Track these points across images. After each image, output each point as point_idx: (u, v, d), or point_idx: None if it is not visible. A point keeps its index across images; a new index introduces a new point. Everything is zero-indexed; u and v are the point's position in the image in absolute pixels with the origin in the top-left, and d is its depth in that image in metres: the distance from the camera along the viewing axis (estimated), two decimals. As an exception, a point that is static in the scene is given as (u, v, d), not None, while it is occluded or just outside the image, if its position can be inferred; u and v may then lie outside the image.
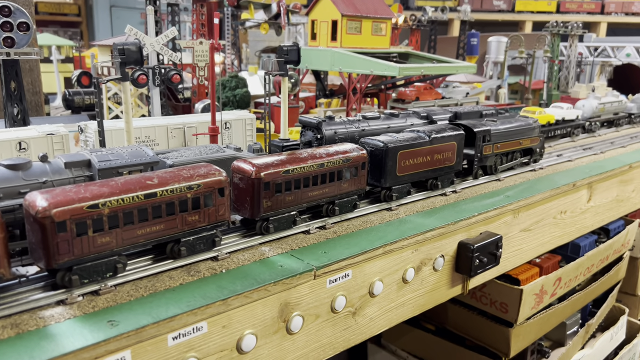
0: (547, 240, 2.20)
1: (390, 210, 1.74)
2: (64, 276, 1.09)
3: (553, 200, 2.14)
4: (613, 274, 2.75)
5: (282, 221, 1.43)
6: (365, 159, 1.61)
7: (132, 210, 1.14)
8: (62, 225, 1.04)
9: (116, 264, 1.15)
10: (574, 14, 5.45)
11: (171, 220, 1.21)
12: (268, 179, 1.35)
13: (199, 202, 1.23)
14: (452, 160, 1.93)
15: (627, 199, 2.74)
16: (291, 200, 1.42)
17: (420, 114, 2.13)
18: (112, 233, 1.12)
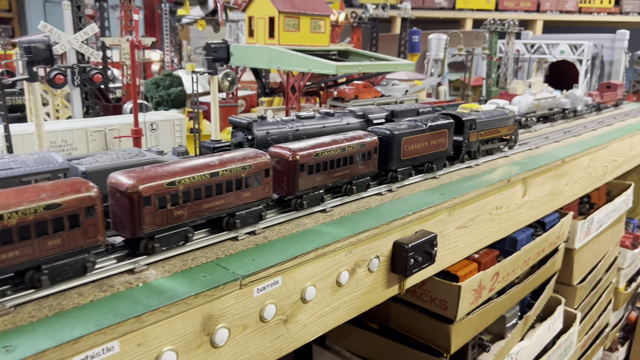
0: (483, 236, 2.22)
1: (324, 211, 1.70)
2: (147, 244, 1.24)
3: (488, 196, 2.16)
4: (549, 266, 2.83)
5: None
6: (377, 144, 1.81)
7: (200, 187, 1.29)
8: (148, 199, 1.19)
9: (187, 234, 1.29)
10: (512, 12, 5.60)
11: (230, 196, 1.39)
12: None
13: (248, 180, 1.42)
14: (444, 145, 2.19)
15: (561, 192, 2.82)
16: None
17: (356, 113, 2.10)
18: (185, 207, 1.27)
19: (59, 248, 1.09)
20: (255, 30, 2.93)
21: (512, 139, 2.63)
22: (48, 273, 1.08)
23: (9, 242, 1.02)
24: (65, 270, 1.11)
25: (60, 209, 1.07)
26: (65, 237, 1.10)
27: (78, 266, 1.13)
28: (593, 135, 3.38)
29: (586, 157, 3.00)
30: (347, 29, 3.97)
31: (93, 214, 1.12)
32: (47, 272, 1.08)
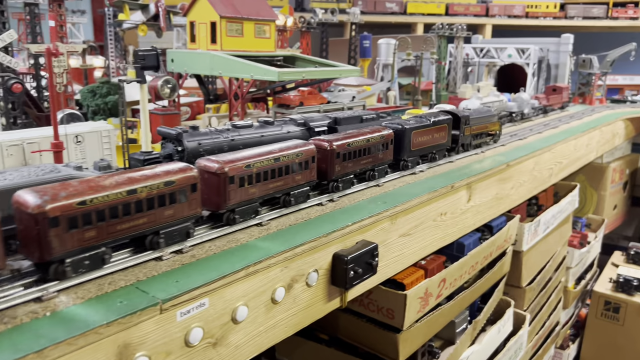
0: (428, 243, 2.20)
1: (260, 225, 1.63)
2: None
3: (432, 203, 2.15)
4: (497, 269, 2.84)
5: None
6: (391, 137, 2.12)
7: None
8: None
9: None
10: (461, 16, 5.68)
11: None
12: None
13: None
14: (445, 138, 2.54)
15: (507, 196, 2.84)
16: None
17: (297, 121, 2.05)
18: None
19: (171, 217, 1.32)
20: (197, 35, 2.85)
21: (497, 134, 2.99)
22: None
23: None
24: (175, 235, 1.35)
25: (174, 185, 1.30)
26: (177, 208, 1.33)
27: (184, 232, 1.38)
28: (539, 138, 3.44)
29: (531, 161, 3.05)
30: (298, 34, 3.92)
31: (196, 190, 1.36)
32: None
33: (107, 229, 1.22)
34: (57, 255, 1.14)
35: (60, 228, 1.13)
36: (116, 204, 1.22)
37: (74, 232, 1.15)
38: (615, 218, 5.58)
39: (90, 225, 1.18)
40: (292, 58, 3.04)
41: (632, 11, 5.87)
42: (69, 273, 1.17)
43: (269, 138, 1.88)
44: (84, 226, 1.17)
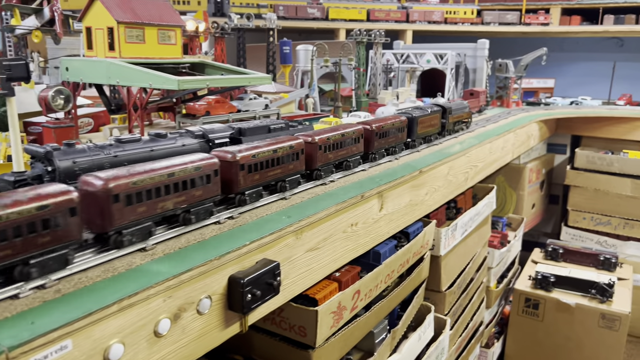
0: (339, 255, 2.14)
1: (144, 250, 1.50)
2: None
3: (341, 214, 2.08)
4: (415, 276, 2.83)
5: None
6: (406, 122, 2.84)
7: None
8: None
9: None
10: (383, 22, 5.74)
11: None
12: None
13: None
14: (437, 125, 3.29)
15: (422, 202, 2.84)
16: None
17: (195, 133, 1.92)
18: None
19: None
20: (94, 42, 2.65)
21: (469, 122, 3.85)
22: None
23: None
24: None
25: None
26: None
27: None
28: (454, 142, 3.48)
29: (446, 166, 3.07)
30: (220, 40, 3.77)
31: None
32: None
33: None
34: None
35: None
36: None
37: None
38: (535, 216, 5.80)
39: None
40: (201, 65, 2.91)
41: (543, 17, 6.15)
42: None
43: (160, 153, 1.74)
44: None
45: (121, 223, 1.40)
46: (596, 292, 4.32)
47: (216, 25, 3.51)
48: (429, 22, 5.85)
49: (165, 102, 2.77)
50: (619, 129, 5.57)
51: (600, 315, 4.23)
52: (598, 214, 5.39)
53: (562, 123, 5.89)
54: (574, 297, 4.39)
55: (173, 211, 1.55)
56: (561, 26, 6.24)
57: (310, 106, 3.64)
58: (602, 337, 4.23)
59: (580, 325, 4.30)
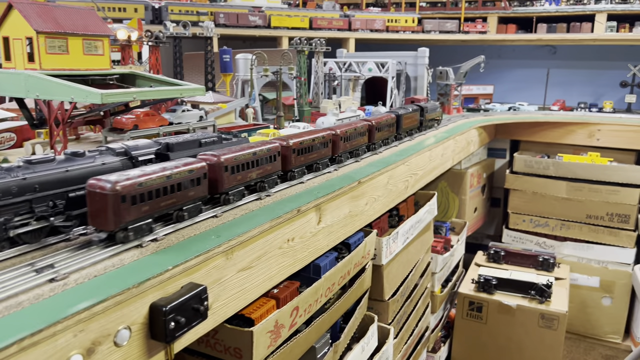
0: (275, 272, 2.08)
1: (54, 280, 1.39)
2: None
3: (276, 230, 2.03)
4: (357, 287, 2.81)
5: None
6: (395, 119, 3.49)
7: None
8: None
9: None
10: (325, 30, 5.74)
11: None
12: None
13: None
14: (417, 121, 3.97)
15: (362, 212, 2.83)
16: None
17: (116, 150, 1.82)
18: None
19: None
20: (12, 53, 2.49)
21: (440, 120, 4.57)
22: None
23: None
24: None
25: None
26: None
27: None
28: (394, 151, 3.50)
29: (385, 175, 3.07)
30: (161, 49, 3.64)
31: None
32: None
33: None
34: None
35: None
36: None
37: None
38: (477, 220, 5.94)
39: None
40: (131, 76, 2.79)
41: (480, 26, 6.33)
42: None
43: (76, 174, 1.63)
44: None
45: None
46: (535, 293, 4.46)
47: (150, 34, 3.39)
48: (371, 30, 5.90)
49: (92, 116, 2.64)
50: (554, 134, 5.79)
51: (540, 316, 4.36)
52: (536, 216, 5.58)
53: (501, 128, 6.07)
54: (515, 299, 4.51)
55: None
56: (498, 34, 6.44)
57: (250, 116, 3.58)
58: (542, 337, 4.36)
59: (521, 326, 4.42)
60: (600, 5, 6.08)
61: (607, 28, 6.02)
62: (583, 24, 6.19)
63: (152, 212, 1.65)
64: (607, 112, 5.89)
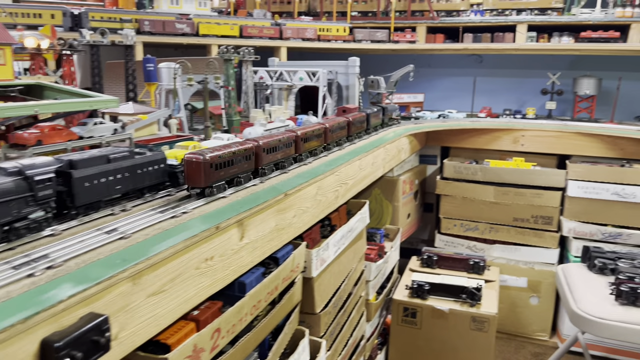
0: (192, 294, 1.97)
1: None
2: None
3: (191, 250, 1.93)
4: (286, 302, 2.75)
5: None
6: (365, 117, 4.23)
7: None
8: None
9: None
10: (257, 38, 5.67)
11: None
12: None
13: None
14: (381, 119, 4.68)
15: (290, 225, 2.77)
16: None
17: (8, 170, 1.66)
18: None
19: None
20: None
21: (399, 119, 5.32)
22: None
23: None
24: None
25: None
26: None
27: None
28: (324, 161, 3.46)
29: (314, 186, 3.03)
30: (83, 57, 3.44)
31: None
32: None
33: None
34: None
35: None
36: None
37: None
38: (411, 225, 6.03)
39: None
40: (39, 87, 2.60)
41: (409, 35, 6.46)
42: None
43: (-43, 197, 1.47)
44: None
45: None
46: (466, 297, 4.56)
47: (63, 42, 3.19)
48: (303, 39, 5.88)
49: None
50: (482, 140, 5.98)
51: (471, 319, 4.46)
52: (467, 220, 5.73)
53: (431, 135, 6.20)
54: (447, 303, 4.59)
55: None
56: (427, 44, 6.59)
57: (174, 127, 3.44)
58: (474, 339, 4.45)
59: (453, 329, 4.50)
60: (521, 16, 6.36)
61: (527, 38, 6.30)
62: (506, 34, 6.45)
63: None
64: (530, 119, 6.16)
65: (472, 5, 6.66)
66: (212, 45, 5.42)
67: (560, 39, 6.22)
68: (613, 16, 5.97)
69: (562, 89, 6.38)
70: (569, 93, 6.38)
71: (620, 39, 5.90)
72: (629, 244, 5.17)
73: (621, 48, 5.78)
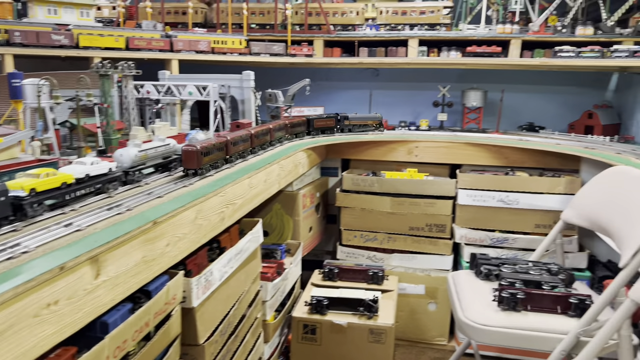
0: (31, 346, 1.75)
1: None
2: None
3: (27, 297, 1.71)
4: (160, 338, 2.57)
5: None
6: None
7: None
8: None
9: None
10: (145, 51, 5.40)
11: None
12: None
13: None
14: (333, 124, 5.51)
15: (162, 255, 2.59)
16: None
17: None
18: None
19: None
20: None
21: (379, 125, 6.01)
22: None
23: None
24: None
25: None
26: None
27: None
28: (209, 181, 3.32)
29: (192, 210, 2.88)
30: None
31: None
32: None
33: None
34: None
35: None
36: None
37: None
38: (313, 239, 6.01)
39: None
40: None
41: (306, 49, 6.47)
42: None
43: None
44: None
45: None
46: (364, 309, 4.58)
47: None
48: (196, 51, 5.69)
49: None
50: (379, 152, 6.09)
51: (369, 331, 4.48)
52: (366, 231, 5.80)
53: (331, 148, 6.23)
54: (346, 317, 4.59)
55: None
56: (325, 57, 6.64)
57: (37, 150, 3.14)
58: (372, 352, 4.48)
59: (352, 343, 4.50)
60: (413, 31, 6.58)
61: (419, 52, 6.52)
62: (399, 49, 6.64)
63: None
64: (423, 130, 6.37)
65: (367, 20, 6.80)
66: (95, 58, 5.08)
67: (448, 53, 6.51)
68: (495, 32, 6.34)
69: (452, 101, 6.68)
70: (459, 105, 6.69)
71: (502, 53, 6.28)
72: (515, 248, 5.47)
73: (502, 62, 6.15)
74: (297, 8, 6.79)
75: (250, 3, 6.70)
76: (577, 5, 6.06)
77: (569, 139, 5.84)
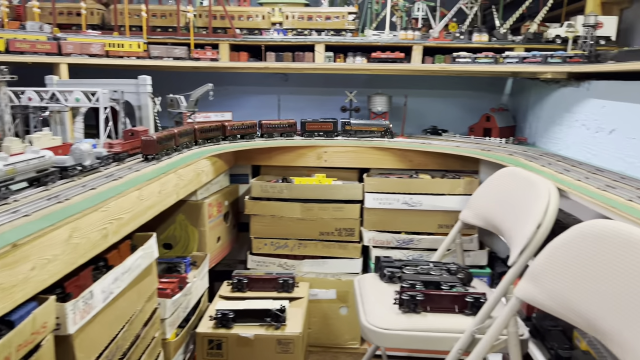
0: None
1: None
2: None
3: None
4: (26, 372, 2.31)
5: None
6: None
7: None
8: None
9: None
10: (29, 54, 4.98)
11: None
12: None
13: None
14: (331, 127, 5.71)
15: (27, 280, 2.34)
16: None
17: None
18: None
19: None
20: None
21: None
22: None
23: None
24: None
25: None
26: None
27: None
28: (90, 195, 3.07)
29: (65, 228, 2.64)
30: None
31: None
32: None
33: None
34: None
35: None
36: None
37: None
38: (222, 249, 5.83)
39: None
40: None
41: (210, 53, 6.27)
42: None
43: None
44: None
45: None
46: (271, 320, 4.48)
47: None
48: (89, 55, 5.33)
49: None
50: (289, 157, 6.02)
51: (277, 342, 4.39)
52: (277, 238, 5.71)
53: (240, 155, 6.08)
54: (253, 329, 4.47)
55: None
56: (231, 62, 6.47)
57: None
58: (281, 362, 4.39)
59: (260, 355, 4.38)
60: (319, 37, 6.58)
61: (326, 58, 6.53)
62: (306, 54, 6.61)
63: None
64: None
65: (273, 24, 6.72)
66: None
67: (354, 59, 6.57)
68: (398, 38, 6.48)
69: (359, 106, 6.75)
70: (365, 110, 6.78)
71: (405, 59, 6.42)
72: (420, 249, 5.60)
73: (405, 68, 6.28)
74: (200, 11, 6.57)
75: (150, 5, 6.40)
76: (473, 13, 6.33)
77: (468, 142, 6.08)
